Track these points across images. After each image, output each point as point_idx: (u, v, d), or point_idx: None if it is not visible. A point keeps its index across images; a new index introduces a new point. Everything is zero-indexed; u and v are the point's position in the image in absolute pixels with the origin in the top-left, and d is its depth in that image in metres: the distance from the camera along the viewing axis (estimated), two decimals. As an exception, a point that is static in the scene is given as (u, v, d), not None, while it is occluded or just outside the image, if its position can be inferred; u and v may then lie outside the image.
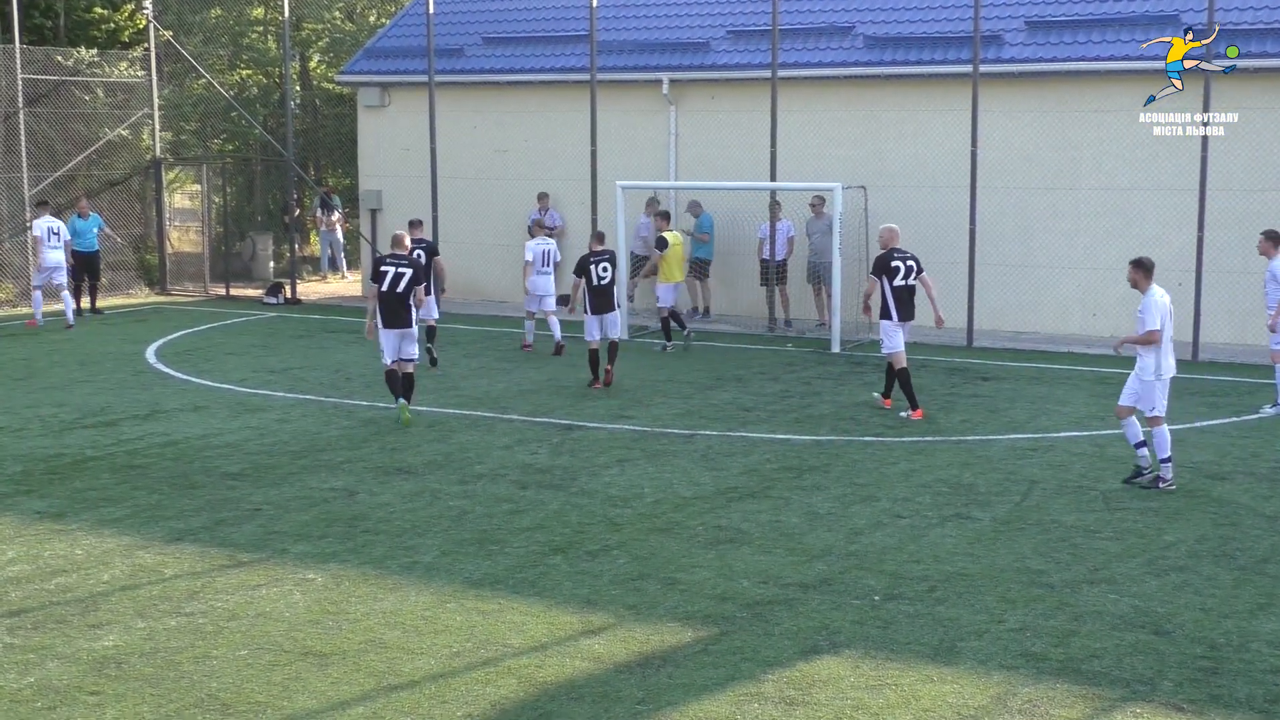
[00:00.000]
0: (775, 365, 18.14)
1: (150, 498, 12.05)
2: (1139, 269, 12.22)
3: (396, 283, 14.88)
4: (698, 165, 23.64)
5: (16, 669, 8.21)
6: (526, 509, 11.67)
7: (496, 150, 25.59)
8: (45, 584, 9.76)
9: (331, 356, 19.76)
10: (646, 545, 10.63)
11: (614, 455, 13.63)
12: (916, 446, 14.01)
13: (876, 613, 9.12)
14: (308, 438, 14.39)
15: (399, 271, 14.93)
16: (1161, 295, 12.08)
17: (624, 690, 7.88)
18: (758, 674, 8.10)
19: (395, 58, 26.62)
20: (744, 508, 11.59)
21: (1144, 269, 12.20)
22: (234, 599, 9.44)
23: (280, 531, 11.02)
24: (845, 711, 7.59)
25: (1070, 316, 21.23)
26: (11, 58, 25.18)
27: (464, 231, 25.71)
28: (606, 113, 23.46)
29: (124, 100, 27.36)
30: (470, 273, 25.66)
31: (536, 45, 25.51)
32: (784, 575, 9.89)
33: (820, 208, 21.52)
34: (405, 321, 14.92)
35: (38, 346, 20.75)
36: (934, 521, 11.25)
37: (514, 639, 8.67)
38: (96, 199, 26.95)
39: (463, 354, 19.97)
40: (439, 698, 7.77)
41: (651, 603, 9.34)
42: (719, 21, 24.34)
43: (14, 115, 25.27)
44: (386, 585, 9.72)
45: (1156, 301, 12.03)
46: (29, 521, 11.33)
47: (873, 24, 22.88)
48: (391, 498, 12.04)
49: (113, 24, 29.32)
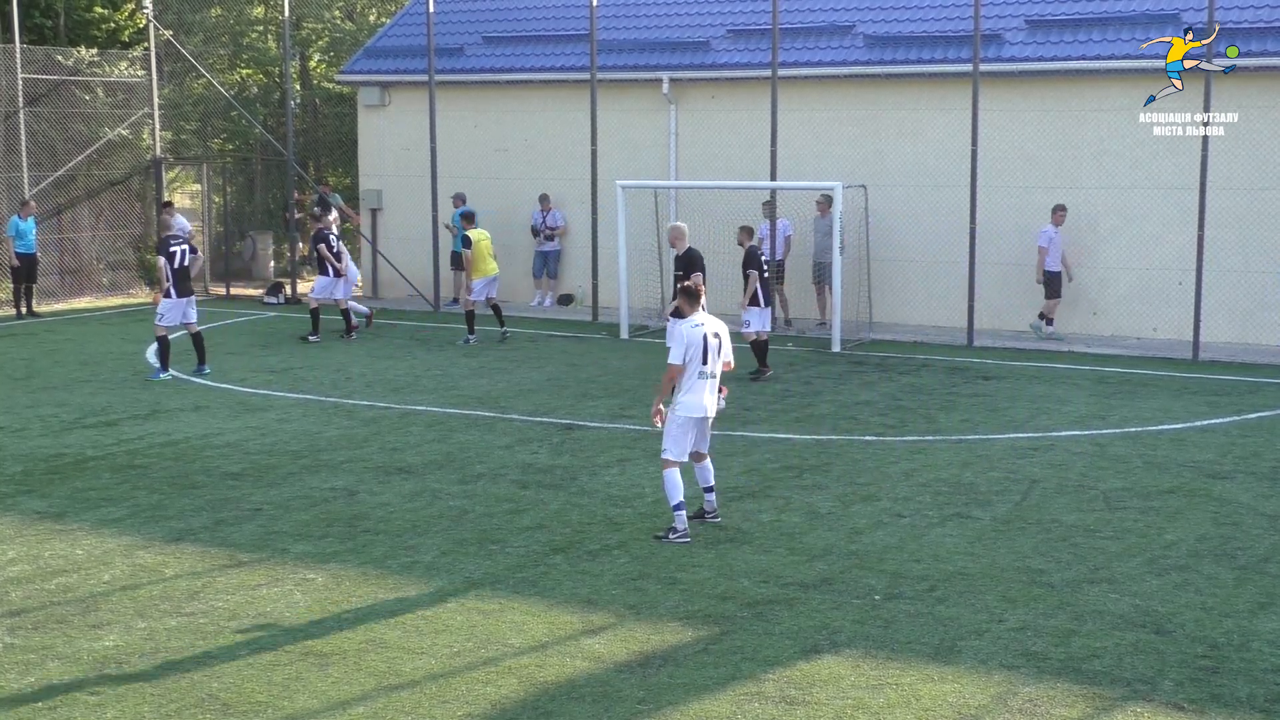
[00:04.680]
0: (776, 365, 18.14)
1: (151, 497, 12.05)
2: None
3: (183, 258, 17.65)
4: (698, 165, 23.65)
5: (17, 669, 8.22)
6: (527, 508, 11.67)
7: (497, 149, 25.59)
8: (46, 584, 9.76)
9: (332, 356, 19.75)
10: (647, 545, 10.63)
11: (614, 455, 13.62)
12: (917, 446, 14.01)
13: (877, 612, 9.12)
14: (308, 437, 14.39)
15: (182, 249, 17.68)
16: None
17: (624, 690, 7.89)
18: (758, 673, 8.11)
19: (395, 57, 26.62)
20: (744, 507, 11.59)
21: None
22: (234, 599, 9.44)
23: (280, 531, 11.02)
24: (846, 711, 7.59)
25: (1071, 315, 21.23)
26: (12, 57, 25.18)
27: (464, 231, 25.68)
28: (607, 112, 23.46)
29: (124, 100, 27.36)
30: (470, 272, 25.65)
31: (536, 44, 25.51)
32: (784, 575, 9.89)
33: (826, 207, 21.52)
34: (191, 290, 17.91)
35: (38, 346, 20.75)
36: (934, 521, 11.25)
37: (514, 638, 8.68)
38: (97, 198, 26.98)
39: (462, 354, 19.97)
40: (439, 697, 7.78)
41: (652, 602, 9.34)
42: (719, 21, 24.32)
43: (14, 115, 25.27)
44: (387, 585, 9.72)
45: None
46: (29, 521, 11.33)
47: (873, 23, 22.88)
48: (392, 497, 12.04)
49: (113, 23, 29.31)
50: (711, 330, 10.76)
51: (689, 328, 10.71)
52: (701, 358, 10.68)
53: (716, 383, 10.85)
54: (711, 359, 10.73)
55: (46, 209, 25.50)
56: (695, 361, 10.64)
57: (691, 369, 10.63)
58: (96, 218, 27.60)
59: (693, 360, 10.63)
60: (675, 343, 10.72)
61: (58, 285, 25.62)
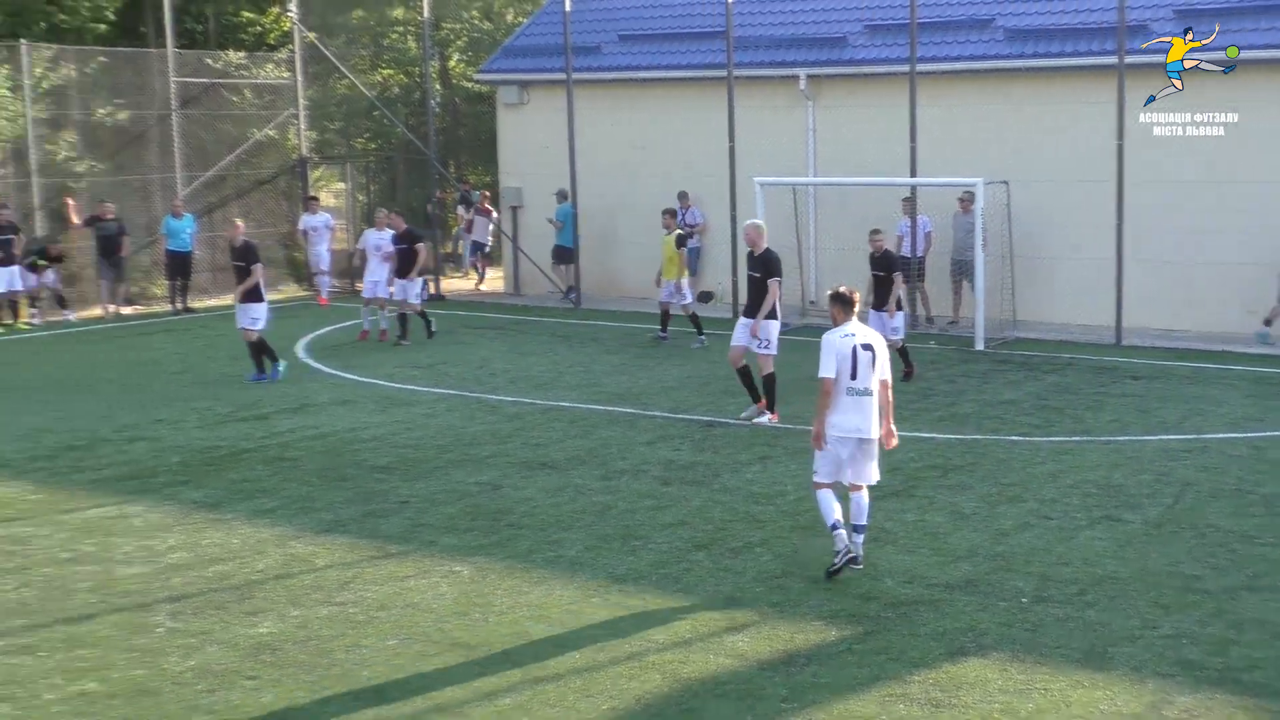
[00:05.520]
0: (918, 363, 17.91)
1: (302, 489, 12.39)
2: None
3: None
4: (836, 161, 23.47)
5: (179, 652, 8.55)
6: (669, 505, 11.73)
7: (634, 147, 25.70)
8: (204, 571, 10.12)
9: (475, 352, 20.06)
10: (790, 543, 10.62)
11: (756, 452, 13.61)
12: (1064, 446, 13.73)
13: (1024, 615, 8.98)
14: (453, 432, 14.64)
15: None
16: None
17: (768, 688, 7.89)
18: (903, 674, 8.05)
19: (533, 56, 26.92)
20: (887, 506, 11.46)
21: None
22: (383, 590, 9.66)
23: (428, 524, 11.24)
24: (993, 715, 7.50)
25: (1227, 314, 20.56)
26: (165, 61, 26.09)
27: (602, 227, 25.89)
28: (744, 109, 23.40)
29: (271, 101, 28.14)
30: (609, 269, 25.84)
31: (673, 42, 25.57)
32: (929, 575, 9.79)
33: (969, 204, 21.20)
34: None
35: (193, 341, 21.44)
36: (1083, 523, 11.02)
37: (658, 634, 8.74)
38: (246, 197, 27.80)
39: (604, 350, 20.12)
40: (584, 691, 7.87)
41: (795, 600, 9.33)
42: (856, 16, 24.12)
43: (168, 117, 26.18)
44: (532, 579, 9.86)
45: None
46: (188, 511, 11.75)
47: (1013, 16, 22.45)
48: (535, 492, 12.19)
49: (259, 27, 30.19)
50: (862, 342, 9.82)
51: (839, 337, 9.83)
52: (850, 372, 9.73)
53: (873, 401, 9.77)
54: (862, 374, 9.73)
55: (198, 208, 26.35)
56: (843, 376, 9.73)
57: (839, 384, 9.73)
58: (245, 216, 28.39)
59: (841, 374, 9.73)
60: (824, 353, 9.81)
61: (210, 282, 26.43)
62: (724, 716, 7.54)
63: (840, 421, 9.75)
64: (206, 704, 7.77)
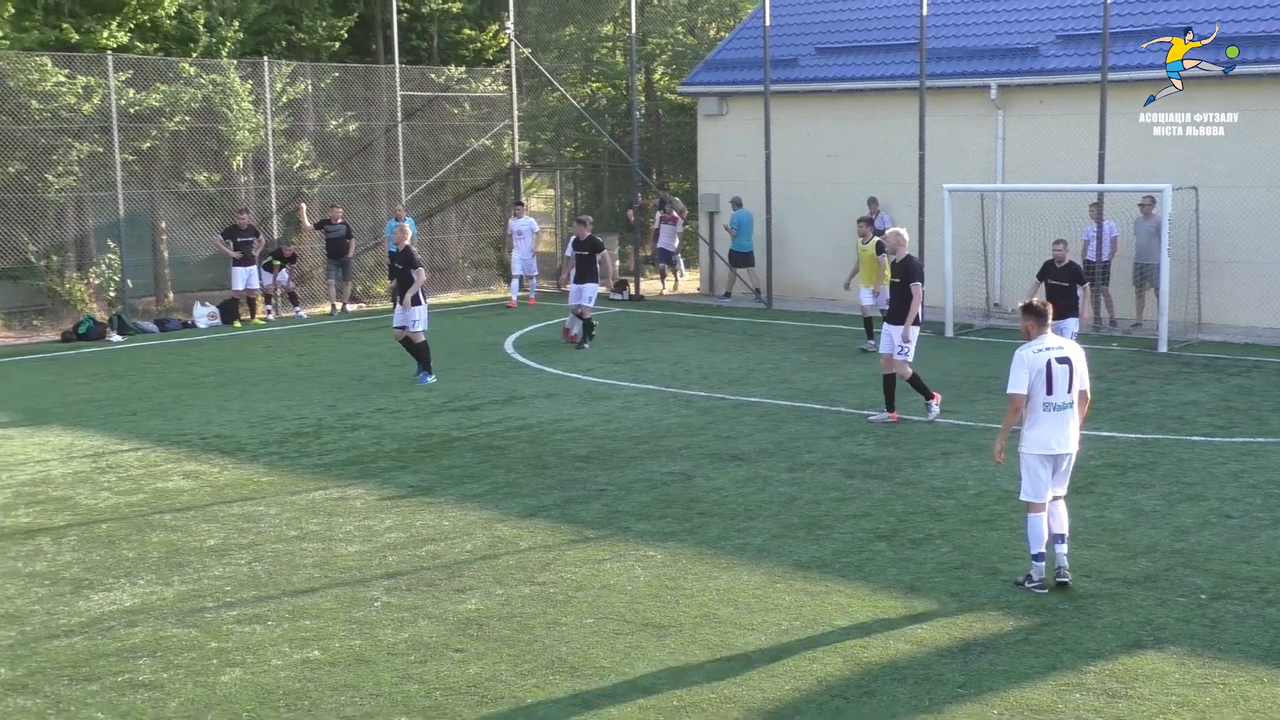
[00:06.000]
0: (1100, 364, 17.68)
1: (508, 476, 13.02)
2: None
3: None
4: (1024, 168, 23.39)
5: (393, 625, 9.10)
6: (853, 497, 12.04)
7: (828, 155, 25.98)
8: (417, 550, 10.72)
9: (671, 350, 20.63)
10: (969, 535, 10.82)
11: (938, 448, 13.82)
12: (1248, 447, 13.57)
13: (1203, 611, 9.03)
14: (649, 425, 15.18)
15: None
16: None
17: (946, 674, 8.10)
18: (1079, 665, 8.17)
19: (733, 69, 27.46)
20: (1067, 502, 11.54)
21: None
22: (581, 571, 10.13)
23: (623, 511, 11.74)
24: (1169, 707, 7.58)
25: None
26: (392, 77, 27.51)
27: (796, 233, 26.25)
28: (934, 118, 23.48)
29: (487, 113, 29.37)
30: (802, 272, 26.19)
31: (867, 54, 25.78)
32: (1107, 570, 9.90)
33: (1150, 208, 20.97)
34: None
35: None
36: (1265, 523, 10.96)
37: (840, 620, 9.02)
38: (463, 203, 29.11)
39: (793, 349, 20.48)
40: (770, 672, 8.17)
41: (974, 591, 9.54)
42: (1048, 26, 23.98)
43: (394, 128, 27.60)
44: (720, 564, 10.24)
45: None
46: (404, 494, 12.49)
47: (1208, 24, 21.91)
48: (725, 482, 12.62)
49: (479, 43, 31.41)
50: (1058, 355, 9.46)
51: (1031, 353, 9.48)
52: (1046, 387, 9.39)
53: (1072, 414, 9.49)
54: (1059, 388, 9.39)
55: (418, 213, 27.70)
56: (1039, 392, 9.41)
57: (1035, 400, 9.42)
58: (462, 220, 29.79)
59: (1035, 390, 9.44)
60: (1015, 368, 9.52)
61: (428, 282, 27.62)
62: (902, 700, 7.75)
63: (1038, 437, 9.48)
64: (418, 674, 8.22)
